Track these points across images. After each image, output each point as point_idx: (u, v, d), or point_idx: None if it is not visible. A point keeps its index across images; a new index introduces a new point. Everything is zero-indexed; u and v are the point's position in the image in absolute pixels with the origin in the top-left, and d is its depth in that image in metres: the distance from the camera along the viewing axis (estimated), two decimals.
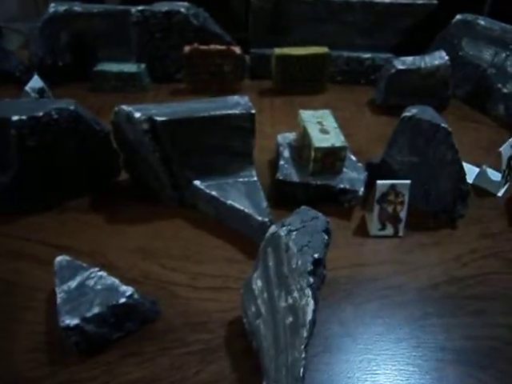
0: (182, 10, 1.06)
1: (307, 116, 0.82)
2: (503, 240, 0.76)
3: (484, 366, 0.58)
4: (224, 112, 0.71)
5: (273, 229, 0.52)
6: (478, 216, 0.80)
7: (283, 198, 0.79)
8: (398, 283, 0.68)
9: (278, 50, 1.07)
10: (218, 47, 1.05)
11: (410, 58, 1.02)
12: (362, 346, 0.60)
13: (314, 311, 0.46)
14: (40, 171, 0.74)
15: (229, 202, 0.72)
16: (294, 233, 0.50)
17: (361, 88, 1.16)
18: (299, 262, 0.47)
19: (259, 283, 0.54)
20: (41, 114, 0.70)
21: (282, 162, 0.81)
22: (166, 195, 0.78)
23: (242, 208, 0.71)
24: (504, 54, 1.03)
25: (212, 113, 0.70)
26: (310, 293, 0.45)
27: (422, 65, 1.00)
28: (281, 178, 0.78)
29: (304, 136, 0.80)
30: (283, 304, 0.49)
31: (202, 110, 0.71)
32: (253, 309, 0.55)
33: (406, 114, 0.74)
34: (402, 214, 0.74)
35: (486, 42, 1.06)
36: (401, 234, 0.75)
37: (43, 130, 0.71)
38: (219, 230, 0.76)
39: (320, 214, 0.53)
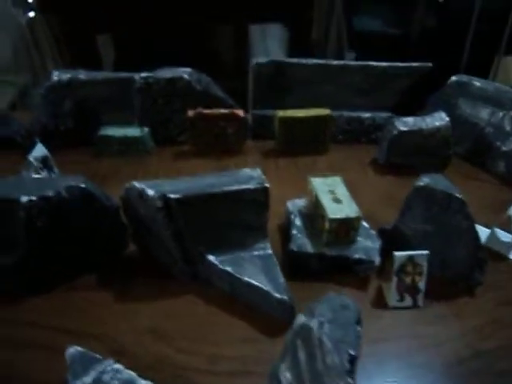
0: (185, 76, 1.08)
1: (318, 184, 0.82)
2: None
3: None
4: (238, 187, 0.70)
5: (302, 320, 0.50)
6: (493, 281, 0.79)
7: (297, 268, 0.77)
8: (423, 360, 0.66)
9: (281, 113, 1.08)
10: (222, 111, 1.07)
11: (410, 119, 1.04)
12: None
13: None
14: (47, 251, 0.72)
15: (245, 278, 0.70)
16: (326, 325, 0.48)
17: (362, 147, 1.18)
18: (336, 360, 0.45)
19: (287, 375, 0.52)
20: (51, 194, 0.68)
21: (294, 232, 0.80)
22: (177, 270, 0.76)
23: (259, 285, 0.69)
24: (501, 113, 1.06)
25: (226, 188, 0.70)
26: None
27: (424, 126, 1.02)
28: (295, 249, 0.77)
29: (316, 205, 0.80)
30: None
31: (215, 186, 0.70)
32: None
33: (419, 183, 0.74)
34: (421, 285, 0.72)
35: (482, 101, 1.09)
36: (420, 304, 0.73)
37: (53, 211, 0.69)
38: (234, 306, 0.73)
39: (350, 302, 0.52)
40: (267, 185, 0.72)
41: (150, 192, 0.68)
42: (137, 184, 0.70)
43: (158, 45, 2.27)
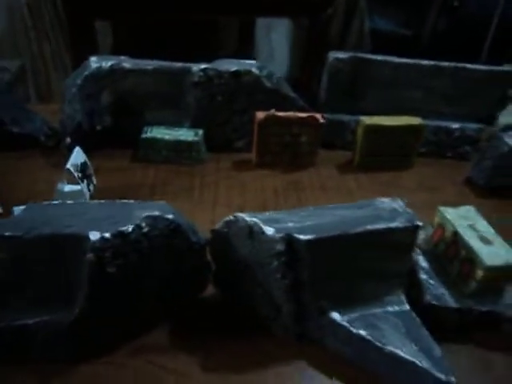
0: (254, 69, 0.88)
1: (453, 216, 0.65)
2: None
3: None
4: (384, 226, 0.52)
5: None
6: None
7: (434, 325, 0.60)
8: None
9: (366, 120, 0.90)
10: (299, 115, 0.88)
11: None
12: None
13: None
14: (115, 302, 0.52)
15: (388, 347, 0.52)
16: None
17: (449, 162, 1.01)
18: None
19: None
20: (130, 228, 0.49)
21: (423, 277, 0.63)
22: (281, 326, 0.58)
23: (411, 359, 0.51)
24: None
25: (370, 227, 0.51)
26: None
27: None
28: (433, 302, 0.59)
29: (457, 244, 0.62)
30: None
31: (354, 223, 0.52)
32: None
33: None
34: None
35: None
36: None
37: (130, 251, 0.49)
38: (352, 375, 0.55)
39: None
40: (419, 223, 0.54)
41: (269, 230, 0.49)
42: (246, 217, 0.51)
43: (159, 36, 2.11)
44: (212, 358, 0.56)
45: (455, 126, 1.00)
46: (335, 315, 0.55)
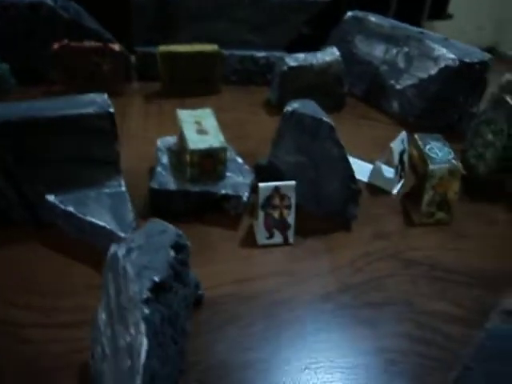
0: (48, 1, 0.93)
1: (185, 116, 0.73)
2: (398, 239, 0.72)
3: (380, 382, 0.52)
4: (76, 112, 0.59)
5: (112, 249, 0.42)
6: (373, 216, 0.76)
7: (160, 209, 0.69)
8: (287, 297, 0.61)
9: (162, 48, 0.97)
10: (94, 44, 0.94)
11: (301, 55, 0.97)
12: (242, 378, 0.51)
13: (152, 349, 0.36)
14: None
15: (88, 217, 0.61)
16: (135, 252, 0.40)
17: (256, 88, 1.10)
18: (136, 289, 0.38)
19: (103, 316, 0.44)
20: None
21: (159, 169, 0.71)
22: (16, 215, 0.65)
23: (102, 224, 0.60)
24: (395, 50, 1.02)
25: (60, 113, 0.59)
26: (144, 328, 0.36)
27: (314, 61, 0.96)
28: (156, 186, 0.68)
29: (181, 138, 0.71)
30: (122, 343, 0.39)
31: (48, 110, 0.59)
32: (99, 349, 0.44)
33: (288, 108, 0.68)
34: (290, 219, 0.67)
35: (378, 38, 1.04)
36: (291, 241, 0.68)
37: None
38: (82, 252, 0.64)
39: (170, 227, 0.44)
40: (112, 110, 0.61)
41: None
42: None
43: None
44: None
45: (261, 54, 1.08)
46: (51, 197, 0.63)
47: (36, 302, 0.58)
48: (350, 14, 1.07)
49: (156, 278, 0.38)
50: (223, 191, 0.69)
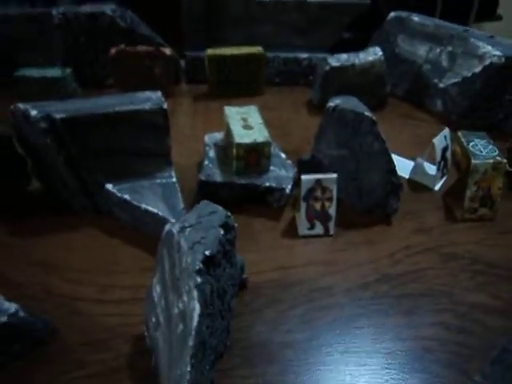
0: (108, 11, 1.01)
1: (231, 112, 0.77)
2: (439, 234, 0.72)
3: (416, 369, 0.53)
4: (132, 107, 0.65)
5: (167, 227, 0.46)
6: (414, 211, 0.77)
7: (206, 198, 0.73)
8: (327, 285, 0.63)
9: (210, 51, 1.02)
10: (147, 48, 1.00)
11: (344, 55, 0.99)
12: (282, 356, 0.54)
13: (203, 315, 0.40)
14: None
15: (143, 205, 0.66)
16: (188, 229, 0.44)
17: (299, 89, 1.13)
18: (188, 261, 0.42)
19: (158, 289, 0.48)
20: None
21: (206, 163, 0.76)
22: (77, 203, 0.71)
23: (155, 211, 0.65)
24: (438, 49, 1.02)
25: (118, 109, 0.65)
26: (196, 295, 0.39)
27: (357, 61, 0.98)
28: (203, 178, 0.73)
29: (228, 133, 0.75)
30: (176, 310, 0.43)
31: (107, 106, 0.65)
32: (153, 319, 0.49)
33: (330, 104, 0.70)
34: (332, 211, 0.69)
35: (421, 38, 1.04)
36: (331, 232, 0.70)
37: None
38: (136, 238, 0.69)
39: (220, 208, 0.48)
40: (165, 106, 0.67)
41: (33, 112, 0.63)
42: (21, 105, 0.65)
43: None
44: (24, 230, 0.70)
45: (303, 56, 1.11)
46: (109, 186, 0.69)
47: (92, 279, 0.63)
48: (392, 14, 1.08)
49: (207, 252, 0.42)
50: (267, 184, 0.72)
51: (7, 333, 0.50)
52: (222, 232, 0.45)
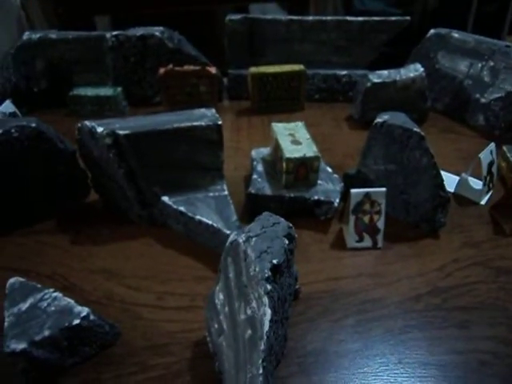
0: (157, 33, 1.06)
1: (279, 128, 0.80)
2: (488, 248, 0.72)
3: (474, 382, 0.54)
4: (189, 124, 0.69)
5: (232, 237, 0.49)
6: (461, 225, 0.77)
7: (256, 212, 0.75)
8: (378, 296, 0.64)
9: (253, 69, 1.06)
10: (193, 67, 1.05)
11: (385, 72, 1.01)
12: (338, 365, 0.55)
13: (272, 321, 0.42)
14: (2, 194, 0.71)
15: (197, 216, 0.69)
16: (254, 239, 0.47)
17: (339, 105, 1.15)
18: (257, 269, 0.44)
19: (221, 297, 0.50)
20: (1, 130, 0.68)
21: (255, 176, 0.79)
22: (134, 214, 0.75)
23: (210, 223, 0.67)
24: (479, 65, 1.03)
25: (176, 125, 0.68)
26: (267, 301, 0.41)
27: (398, 77, 0.99)
28: (253, 191, 0.75)
29: (276, 149, 0.78)
30: (243, 316, 0.45)
31: (166, 123, 0.69)
32: (216, 325, 0.51)
33: (378, 120, 0.72)
34: (380, 224, 0.70)
35: (461, 54, 1.05)
36: (380, 245, 0.71)
37: (3, 150, 0.68)
38: (189, 248, 0.72)
39: (282, 220, 0.50)
40: (220, 122, 0.70)
41: (99, 129, 0.67)
42: (87, 122, 0.69)
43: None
44: (86, 239, 0.74)
45: (343, 72, 1.14)
46: (165, 198, 0.72)
47: (150, 286, 0.66)
48: (432, 31, 1.10)
49: (275, 261, 0.44)
50: (315, 197, 0.74)
51: (78, 335, 0.54)
52: (286, 242, 0.47)
